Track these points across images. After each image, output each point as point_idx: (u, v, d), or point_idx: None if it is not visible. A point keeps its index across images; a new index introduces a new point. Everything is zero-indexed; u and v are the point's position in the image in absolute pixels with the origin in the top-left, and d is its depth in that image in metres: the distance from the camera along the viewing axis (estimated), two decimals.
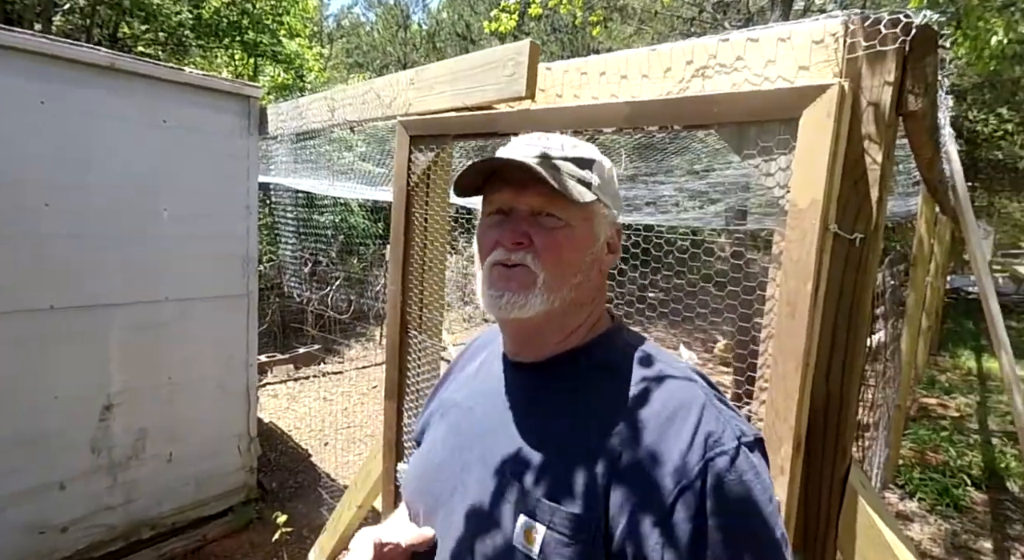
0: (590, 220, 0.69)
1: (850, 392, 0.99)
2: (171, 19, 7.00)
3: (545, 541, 0.59)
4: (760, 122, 1.00)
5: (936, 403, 4.63)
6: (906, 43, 0.89)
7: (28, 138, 2.09)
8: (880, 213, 0.95)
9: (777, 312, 0.99)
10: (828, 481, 1.00)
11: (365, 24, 17.60)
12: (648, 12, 5.54)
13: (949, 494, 3.05)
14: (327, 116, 2.20)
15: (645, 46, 1.27)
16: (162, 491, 2.57)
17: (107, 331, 2.35)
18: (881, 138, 0.93)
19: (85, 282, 2.27)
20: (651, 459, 0.57)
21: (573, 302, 0.69)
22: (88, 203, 2.25)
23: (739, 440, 0.59)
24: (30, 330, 2.15)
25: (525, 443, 0.66)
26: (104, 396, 2.37)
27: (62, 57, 2.14)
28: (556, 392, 0.69)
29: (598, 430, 0.62)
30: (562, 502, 0.59)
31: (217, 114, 2.62)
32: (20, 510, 2.17)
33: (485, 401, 0.75)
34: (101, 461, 2.38)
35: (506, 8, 4.77)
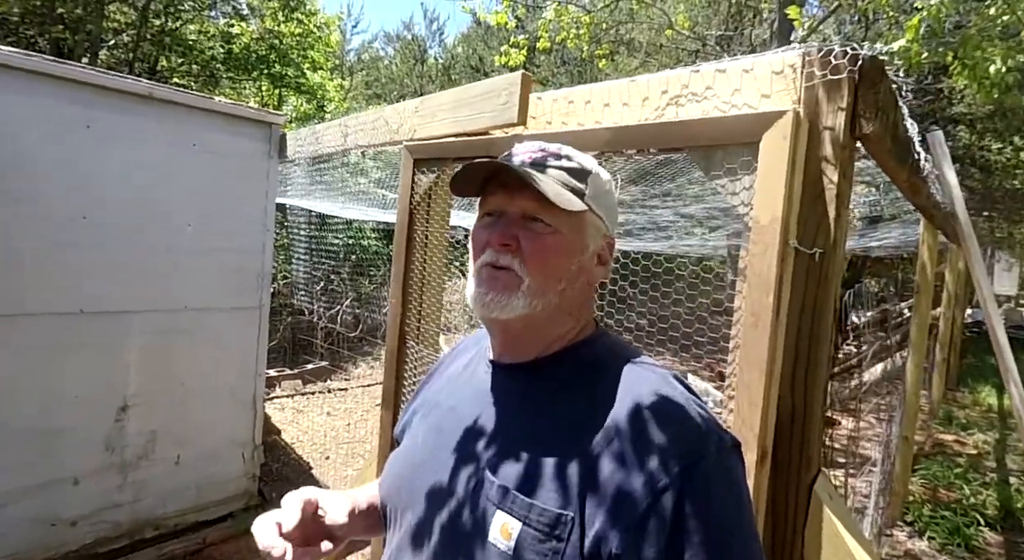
0: (579, 229, 0.71)
1: (814, 402, 1.02)
2: (205, 54, 7.45)
3: (520, 537, 0.59)
4: (725, 145, 1.07)
5: (953, 440, 4.48)
6: (855, 73, 0.97)
7: (73, 157, 2.28)
8: (839, 229, 1.01)
9: (743, 323, 1.04)
10: (794, 490, 1.03)
11: (384, 58, 18.40)
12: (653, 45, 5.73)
13: (961, 533, 2.93)
14: (340, 141, 2.34)
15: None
16: (168, 492, 2.65)
17: (128, 336, 2.48)
18: (837, 159, 1.00)
19: (112, 289, 2.42)
20: (629, 461, 0.58)
21: (558, 308, 0.70)
22: (120, 217, 2.42)
23: (717, 446, 0.60)
24: (59, 332, 2.28)
25: (506, 441, 0.67)
26: (120, 397, 2.48)
27: (107, 86, 2.35)
28: (538, 393, 0.70)
29: (578, 430, 0.63)
30: (539, 499, 0.60)
31: (242, 139, 2.79)
32: (34, 502, 2.26)
33: (468, 401, 0.76)
34: (114, 459, 2.47)
35: (515, 44, 4.99)
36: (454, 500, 0.67)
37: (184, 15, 7.32)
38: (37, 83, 2.17)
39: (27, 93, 2.15)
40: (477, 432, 0.71)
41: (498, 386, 0.75)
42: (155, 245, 2.53)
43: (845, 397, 3.47)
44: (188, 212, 2.63)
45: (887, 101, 1.05)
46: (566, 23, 4.78)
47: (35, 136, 2.19)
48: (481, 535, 0.62)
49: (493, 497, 0.63)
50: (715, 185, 1.12)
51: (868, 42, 3.39)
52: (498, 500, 0.63)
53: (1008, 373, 2.13)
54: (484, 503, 0.64)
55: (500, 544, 0.60)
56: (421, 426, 0.82)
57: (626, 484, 0.57)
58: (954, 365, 6.41)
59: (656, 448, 0.58)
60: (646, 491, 0.55)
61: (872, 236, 4.34)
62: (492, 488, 0.64)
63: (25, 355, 2.21)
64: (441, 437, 0.75)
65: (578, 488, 0.59)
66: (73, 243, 2.30)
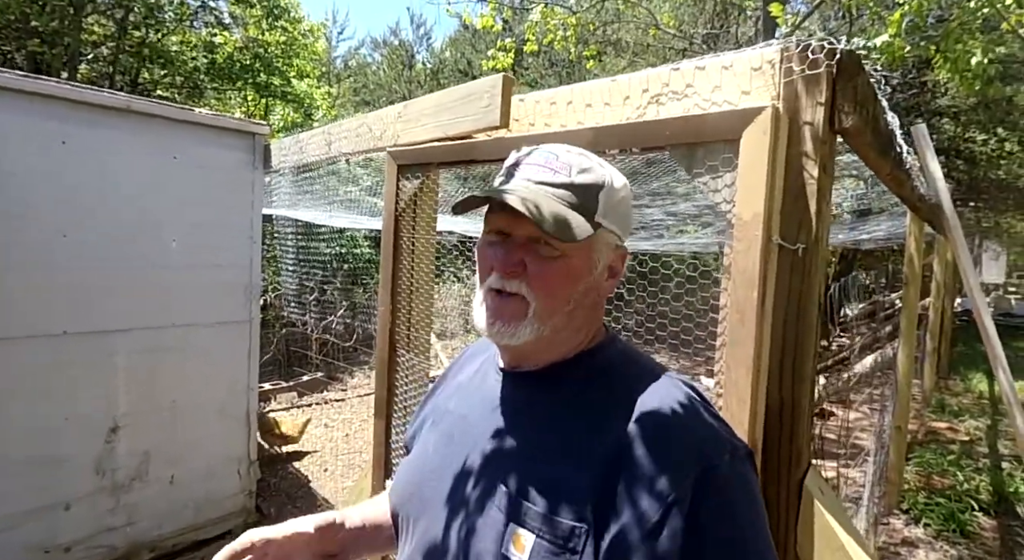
0: (588, 248, 0.69)
1: (801, 397, 1.02)
2: (187, 65, 7.41)
3: (534, 549, 0.59)
4: (706, 143, 1.07)
5: (945, 427, 4.53)
6: (833, 67, 0.97)
7: (50, 174, 2.24)
8: (820, 224, 1.01)
9: (728, 321, 1.04)
10: (785, 485, 1.03)
11: (371, 64, 18.39)
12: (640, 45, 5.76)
13: (956, 519, 2.96)
14: (325, 149, 2.33)
15: None
16: (163, 513, 2.61)
17: (115, 355, 2.44)
18: (817, 154, 1.00)
19: (96, 309, 2.37)
20: (642, 471, 0.57)
21: (566, 327, 0.70)
22: (102, 234, 2.38)
23: (730, 454, 0.60)
24: (45, 354, 2.24)
25: (517, 451, 0.67)
26: (111, 419, 2.44)
27: (82, 101, 2.31)
28: (549, 402, 0.70)
29: (591, 440, 0.62)
30: (552, 510, 0.59)
31: (225, 150, 2.76)
32: (27, 529, 2.22)
33: (479, 409, 0.75)
34: (105, 482, 2.43)
35: (502, 47, 5.00)
36: (467, 511, 0.67)
37: (165, 26, 7.28)
38: (9, 99, 2.13)
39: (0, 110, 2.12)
40: (488, 442, 0.70)
41: (509, 394, 0.74)
42: (139, 261, 2.49)
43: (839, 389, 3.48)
44: (172, 226, 2.59)
45: (866, 94, 1.06)
46: (552, 25, 4.80)
47: (9, 154, 2.14)
48: (495, 547, 0.62)
49: (507, 509, 0.63)
50: (697, 183, 1.12)
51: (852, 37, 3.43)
52: (512, 512, 0.62)
53: (996, 360, 2.15)
54: (497, 515, 0.63)
55: (514, 557, 0.60)
56: (432, 434, 0.81)
57: (639, 495, 0.56)
58: (945, 354, 6.47)
59: (669, 457, 0.58)
60: (660, 501, 0.55)
61: (861, 229, 4.38)
62: (505, 499, 0.63)
63: (10, 380, 2.17)
64: (452, 446, 0.75)
65: (592, 499, 0.58)
66: (53, 262, 2.25)
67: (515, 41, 5.19)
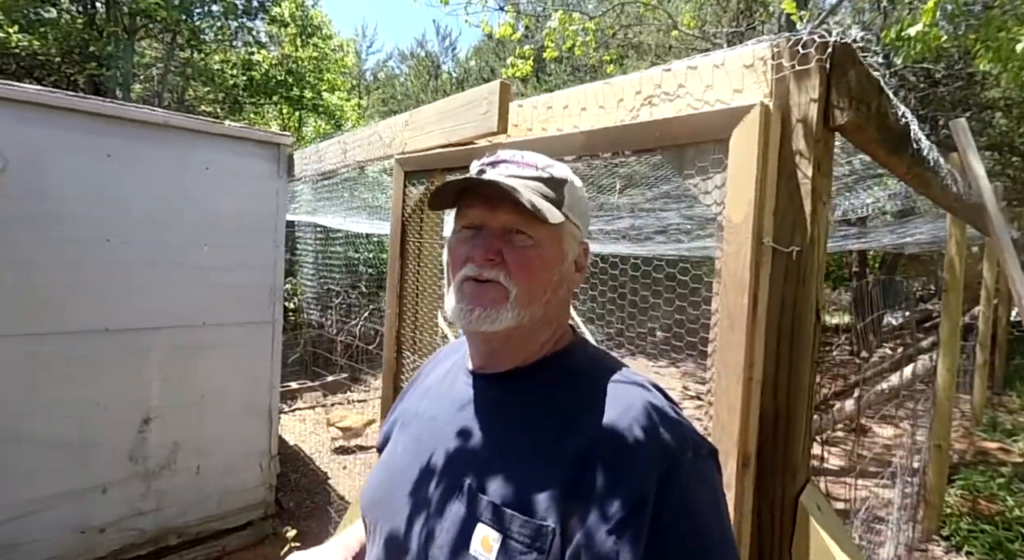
0: (559, 239, 0.71)
1: (797, 408, 0.97)
2: (228, 82, 7.78)
3: (501, 549, 0.59)
4: (696, 143, 1.04)
5: (996, 447, 4.20)
6: (825, 61, 0.93)
7: (96, 184, 2.41)
8: (816, 225, 0.96)
9: (719, 326, 1.00)
10: (779, 501, 0.98)
11: (399, 76, 18.82)
12: (662, 47, 5.65)
13: (1003, 549, 2.71)
14: (341, 157, 2.39)
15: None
16: (189, 501, 2.72)
17: (150, 352, 2.58)
18: (811, 152, 0.95)
19: (134, 308, 2.53)
20: (608, 470, 0.58)
21: (542, 319, 0.71)
22: (141, 238, 2.53)
23: (693, 451, 0.60)
24: (87, 348, 2.40)
25: (485, 452, 0.67)
26: (144, 410, 2.58)
27: (124, 117, 2.48)
28: (518, 403, 0.70)
29: (558, 441, 0.62)
30: (519, 510, 0.60)
31: (252, 160, 2.89)
32: (66, 509, 2.36)
33: (447, 411, 0.75)
34: (138, 469, 2.56)
35: (521, 54, 5.01)
36: (433, 512, 0.67)
37: (207, 46, 7.68)
38: (61, 117, 2.31)
39: (52, 126, 2.29)
40: (456, 443, 0.70)
41: (477, 396, 0.74)
42: (173, 264, 2.63)
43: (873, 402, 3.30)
44: (204, 231, 2.72)
45: (865, 88, 1.00)
46: (571, 31, 4.78)
47: (61, 166, 2.32)
48: (462, 548, 0.62)
49: (473, 509, 0.63)
50: (688, 185, 1.09)
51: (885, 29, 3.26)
52: (478, 512, 0.62)
53: None
54: (464, 515, 0.63)
55: (481, 557, 0.60)
56: (400, 437, 0.82)
57: (605, 494, 0.56)
58: (999, 367, 6.03)
59: (635, 457, 0.58)
60: (624, 500, 0.56)
61: (900, 232, 4.15)
62: (472, 500, 0.63)
63: (56, 370, 2.33)
64: (420, 448, 0.74)
65: (558, 498, 0.58)
66: (98, 264, 2.42)
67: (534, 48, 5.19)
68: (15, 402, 2.24)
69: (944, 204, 2.15)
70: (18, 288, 2.23)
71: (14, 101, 2.20)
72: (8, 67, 6.97)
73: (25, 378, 2.26)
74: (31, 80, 7.21)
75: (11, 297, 2.22)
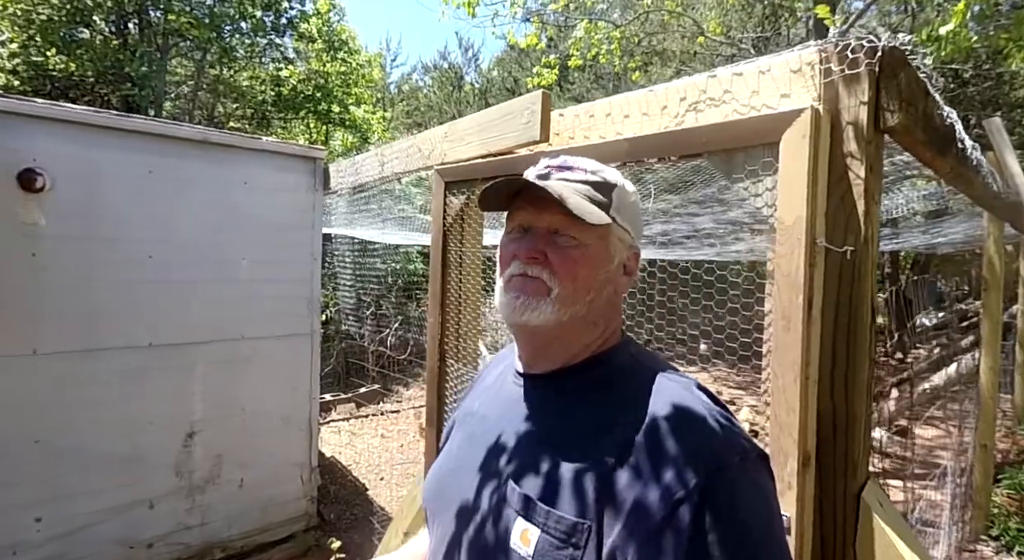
0: (605, 240, 0.73)
1: (856, 406, 0.98)
2: (256, 97, 8.03)
3: (539, 543, 0.60)
4: (745, 148, 1.07)
5: None
6: (875, 65, 0.95)
7: (139, 201, 2.50)
8: (869, 225, 0.98)
9: (774, 326, 1.02)
10: (841, 498, 0.99)
11: (423, 88, 19.13)
12: (687, 53, 5.67)
13: None
14: (378, 170, 2.46)
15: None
16: (233, 514, 2.77)
17: (194, 365, 2.65)
18: (862, 154, 0.97)
19: (177, 322, 2.60)
20: (648, 471, 0.57)
21: (585, 319, 0.72)
22: (182, 254, 2.61)
23: (740, 456, 0.59)
24: (133, 363, 2.48)
25: (527, 449, 0.69)
26: (188, 424, 2.64)
27: (166, 135, 2.57)
28: (563, 401, 0.72)
29: (599, 439, 0.63)
30: (557, 506, 0.61)
31: (288, 174, 2.97)
32: (115, 524, 2.43)
33: (496, 410, 0.79)
34: (183, 483, 2.63)
35: (547, 64, 5.08)
36: (478, 507, 0.70)
37: (237, 64, 7.94)
38: (105, 136, 2.40)
39: (98, 145, 2.39)
40: (503, 440, 0.73)
41: (524, 395, 0.77)
42: (214, 278, 2.71)
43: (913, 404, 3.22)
44: (242, 246, 2.80)
45: (913, 91, 1.02)
46: (596, 40, 4.83)
47: (105, 183, 2.41)
48: (503, 541, 0.64)
49: (514, 504, 0.65)
50: (737, 188, 1.12)
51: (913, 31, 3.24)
52: (519, 507, 0.64)
53: None
54: (506, 510, 0.66)
55: (520, 550, 0.62)
56: (457, 435, 0.86)
57: (644, 495, 0.56)
58: None
59: (675, 458, 0.57)
60: (663, 502, 0.55)
61: (934, 231, 4.07)
62: (514, 495, 0.66)
63: (103, 386, 2.40)
64: (471, 445, 0.78)
65: (596, 497, 0.59)
66: (141, 280, 2.50)
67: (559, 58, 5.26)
68: (67, 419, 2.31)
69: (984, 202, 2.12)
70: (66, 306, 2.31)
71: (62, 121, 2.29)
72: (44, 88, 7.30)
73: (74, 395, 2.33)
74: (66, 100, 7.55)
75: (59, 315, 2.30)
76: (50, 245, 2.28)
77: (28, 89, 6.60)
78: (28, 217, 2.25)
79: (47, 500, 2.28)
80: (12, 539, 2.20)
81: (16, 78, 6.41)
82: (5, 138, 2.18)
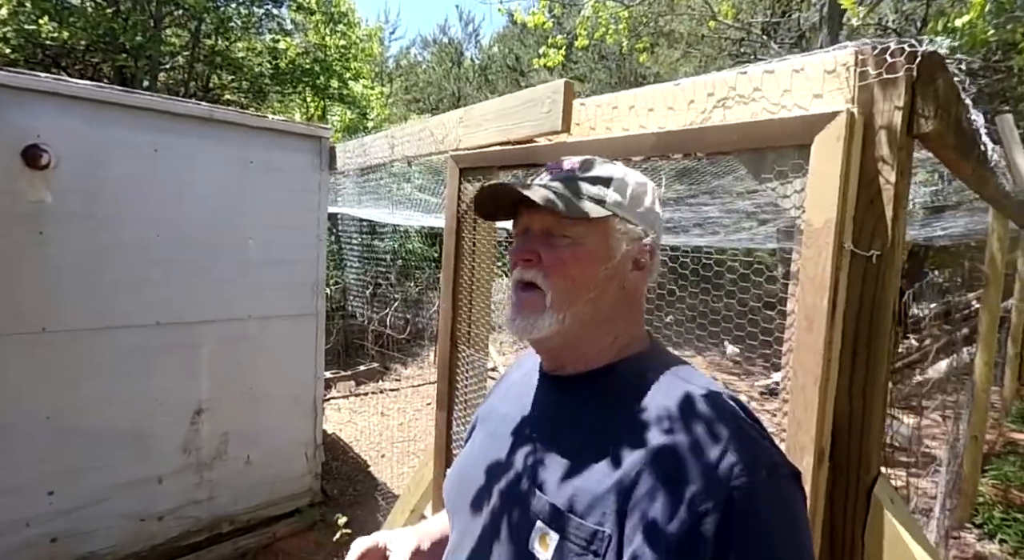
0: (603, 235, 0.71)
1: (873, 404, 1.01)
2: (253, 70, 7.83)
3: (558, 549, 0.60)
4: (776, 148, 1.07)
5: None
6: (913, 70, 0.94)
7: (145, 180, 2.46)
8: (896, 230, 0.99)
9: (796, 327, 1.04)
10: (853, 493, 1.02)
11: (421, 63, 18.74)
12: (695, 36, 5.58)
13: None
14: (388, 152, 2.43)
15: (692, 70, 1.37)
16: (240, 490, 2.83)
17: (200, 345, 2.67)
18: (894, 159, 0.98)
19: (184, 301, 2.60)
20: (673, 480, 0.56)
21: (594, 319, 0.71)
22: (189, 233, 2.60)
23: (769, 471, 0.57)
24: (141, 341, 2.49)
25: (549, 453, 0.68)
26: (196, 402, 2.67)
27: (171, 112, 2.52)
28: (585, 406, 0.70)
29: (619, 446, 0.62)
30: (577, 513, 0.60)
31: (294, 153, 2.94)
32: (126, 499, 2.48)
33: (520, 409, 0.78)
34: (191, 460, 2.67)
35: (554, 43, 4.99)
36: (497, 508, 0.70)
37: (233, 34, 7.73)
38: (111, 113, 2.35)
39: (102, 122, 2.34)
40: (523, 442, 0.73)
41: (547, 397, 0.77)
42: (221, 258, 2.70)
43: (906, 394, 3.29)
44: (249, 226, 2.79)
45: (948, 97, 1.02)
46: (604, 19, 4.75)
47: (110, 161, 2.37)
48: (522, 544, 0.64)
49: (534, 508, 0.64)
50: (765, 188, 1.12)
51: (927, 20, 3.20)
52: (538, 511, 0.64)
53: None
54: (525, 513, 0.65)
55: (539, 554, 0.61)
56: (480, 432, 0.86)
57: (666, 505, 0.55)
58: None
59: (700, 471, 0.56)
60: (686, 514, 0.54)
61: (936, 225, 4.11)
62: (533, 498, 0.65)
63: (113, 365, 2.42)
64: (493, 444, 0.78)
65: (617, 505, 0.58)
66: (148, 259, 2.49)
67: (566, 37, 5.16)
68: (76, 396, 2.33)
69: (994, 201, 2.14)
70: (74, 284, 2.31)
71: (67, 97, 2.23)
72: (35, 57, 7.07)
73: (85, 373, 2.35)
74: (58, 70, 7.33)
75: (67, 293, 2.29)
76: (57, 223, 2.26)
77: (20, 58, 6.40)
78: (34, 195, 2.22)
79: (59, 475, 2.31)
80: (26, 513, 2.24)
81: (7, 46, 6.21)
82: (8, 114, 2.13)
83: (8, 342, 2.17)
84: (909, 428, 2.99)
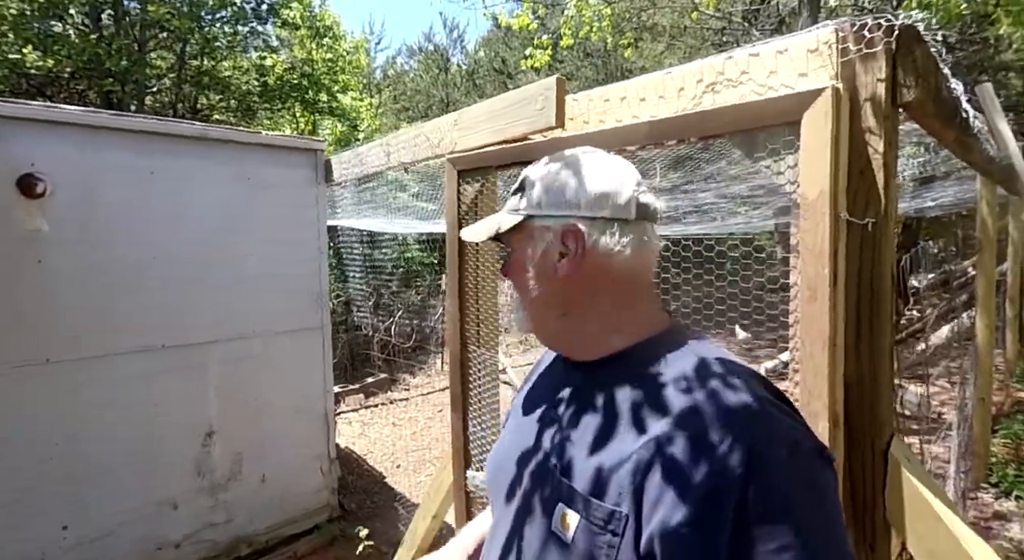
0: (523, 240, 0.78)
1: (881, 367, 1.04)
2: (241, 88, 7.86)
3: (578, 528, 0.62)
4: (766, 127, 1.10)
5: None
6: (891, 43, 0.98)
7: (142, 204, 2.47)
8: (888, 198, 1.03)
9: (800, 298, 1.07)
10: (870, 454, 1.05)
11: (408, 72, 18.82)
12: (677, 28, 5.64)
13: None
14: (384, 160, 2.46)
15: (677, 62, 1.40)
16: (256, 510, 2.82)
17: (207, 365, 2.67)
18: (881, 129, 1.01)
19: (188, 323, 2.60)
20: (689, 460, 0.56)
21: (563, 314, 0.77)
22: (187, 254, 2.60)
23: (790, 450, 0.56)
24: (147, 366, 2.48)
25: (570, 436, 0.71)
26: (206, 424, 2.67)
27: (165, 133, 2.53)
28: (603, 389, 0.72)
29: (636, 427, 0.63)
30: (594, 494, 0.62)
31: (290, 168, 2.96)
32: (142, 526, 2.46)
33: (546, 396, 0.81)
34: (204, 482, 2.66)
35: (540, 45, 5.03)
36: (524, 492, 0.73)
37: (219, 54, 7.75)
38: (106, 137, 2.36)
39: (96, 147, 2.34)
40: (548, 426, 0.76)
41: (569, 381, 0.79)
42: (222, 276, 2.70)
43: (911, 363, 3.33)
44: (248, 243, 2.80)
45: (927, 66, 1.06)
46: (588, 17, 4.80)
47: (107, 186, 2.38)
48: (547, 525, 0.67)
49: (555, 489, 0.67)
50: (759, 166, 1.16)
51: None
52: (560, 493, 0.66)
53: None
54: (550, 495, 0.68)
55: (562, 535, 0.64)
56: (512, 421, 0.89)
57: (683, 484, 0.55)
58: None
59: (720, 449, 0.55)
60: (705, 492, 0.54)
61: (926, 196, 4.17)
62: (555, 481, 0.68)
63: (119, 391, 2.40)
64: (523, 430, 0.81)
65: (634, 486, 0.59)
66: (148, 282, 2.48)
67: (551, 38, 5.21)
68: (84, 425, 2.32)
69: (980, 167, 2.18)
70: (76, 312, 2.30)
71: (59, 123, 2.25)
72: (20, 87, 7.07)
73: (90, 400, 2.33)
74: (43, 98, 7.33)
75: (69, 321, 2.28)
76: (55, 251, 2.26)
77: (4, 88, 6.41)
78: (31, 224, 2.23)
79: (71, 507, 2.29)
80: (41, 547, 2.22)
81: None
82: (2, 143, 2.14)
83: (13, 374, 2.16)
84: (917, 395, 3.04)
